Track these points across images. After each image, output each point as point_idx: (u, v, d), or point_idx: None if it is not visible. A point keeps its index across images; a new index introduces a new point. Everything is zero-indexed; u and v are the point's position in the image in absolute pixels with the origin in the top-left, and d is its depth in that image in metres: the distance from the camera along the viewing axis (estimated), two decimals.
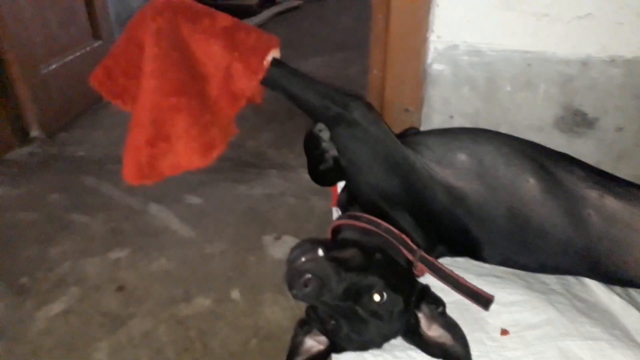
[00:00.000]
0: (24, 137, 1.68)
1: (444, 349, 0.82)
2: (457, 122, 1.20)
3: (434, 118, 1.21)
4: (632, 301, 0.97)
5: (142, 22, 0.99)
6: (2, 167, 1.54)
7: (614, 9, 1.05)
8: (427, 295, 0.88)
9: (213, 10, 1.02)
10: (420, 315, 0.86)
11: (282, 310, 0.98)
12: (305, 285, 0.75)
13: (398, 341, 0.85)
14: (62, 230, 1.23)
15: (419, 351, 0.84)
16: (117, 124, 1.79)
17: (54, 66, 1.76)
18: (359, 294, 0.80)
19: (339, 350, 0.86)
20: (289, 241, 1.18)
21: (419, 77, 1.16)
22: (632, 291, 1.01)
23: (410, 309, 0.85)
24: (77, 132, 1.79)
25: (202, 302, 1.01)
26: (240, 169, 1.52)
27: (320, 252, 0.80)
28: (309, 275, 0.75)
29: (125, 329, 0.94)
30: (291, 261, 0.79)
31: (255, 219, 1.27)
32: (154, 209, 1.32)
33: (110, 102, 1.08)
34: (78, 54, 1.90)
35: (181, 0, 1.01)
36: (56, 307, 1.00)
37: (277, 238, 1.19)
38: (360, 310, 0.80)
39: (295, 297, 0.76)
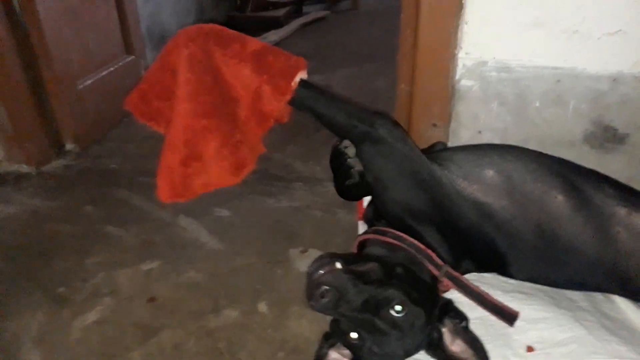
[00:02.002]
0: (60, 150, 1.75)
1: None
2: (486, 138, 1.20)
3: (462, 133, 1.22)
4: None
5: (175, 49, 1.02)
6: (40, 179, 1.60)
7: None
8: (450, 310, 0.88)
9: (243, 35, 1.05)
10: (443, 329, 0.86)
11: (308, 324, 1.00)
12: (322, 297, 0.78)
13: (422, 356, 0.86)
14: (97, 242, 1.28)
15: None
16: (147, 137, 1.84)
17: (89, 82, 1.82)
18: (378, 306, 0.81)
19: None
20: (315, 255, 1.17)
21: (447, 92, 1.17)
22: None
23: (433, 323, 0.86)
24: (109, 145, 1.85)
25: (231, 314, 1.03)
26: (267, 182, 1.54)
27: (339, 265, 0.82)
28: (326, 287, 0.78)
29: (157, 340, 0.97)
30: (310, 273, 0.82)
31: (282, 232, 1.29)
32: (183, 221, 1.35)
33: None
34: (112, 69, 1.96)
35: (212, 27, 1.04)
36: (91, 317, 1.03)
37: (304, 251, 1.21)
38: (379, 323, 0.81)
39: (312, 308, 0.79)
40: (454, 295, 0.96)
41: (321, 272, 0.81)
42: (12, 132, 1.60)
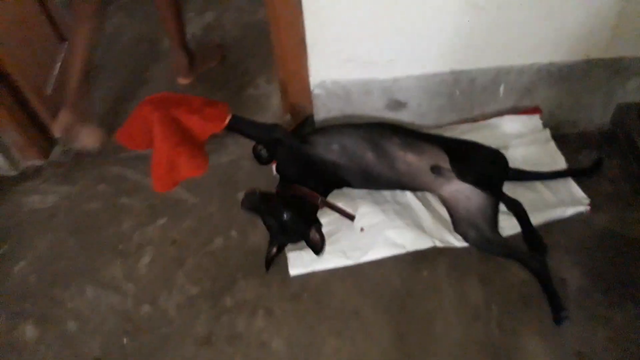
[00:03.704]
0: (52, 140, 2.41)
1: (317, 246, 1.85)
2: (333, 113, 2.12)
3: (321, 111, 2.12)
4: (425, 201, 2.02)
5: (146, 111, 1.78)
6: (52, 168, 2.30)
7: (403, 55, 1.92)
8: (316, 220, 1.90)
9: (187, 96, 1.83)
10: (312, 230, 1.88)
11: (262, 237, 1.95)
12: (245, 205, 1.79)
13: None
14: (121, 211, 2.12)
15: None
16: (102, 112, 2.55)
17: (51, 84, 2.42)
18: (278, 214, 1.80)
19: (282, 248, 1.90)
20: None
21: (308, 96, 2.04)
22: (427, 194, 2.05)
23: (309, 226, 1.86)
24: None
25: (219, 242, 1.98)
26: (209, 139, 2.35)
27: (257, 193, 1.80)
28: (247, 204, 1.78)
29: (187, 264, 1.92)
30: (244, 196, 1.80)
31: (229, 182, 2.17)
32: None
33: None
34: (59, 63, 2.53)
35: (167, 95, 1.82)
36: (146, 259, 1.95)
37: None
38: (277, 223, 1.81)
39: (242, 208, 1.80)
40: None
41: (248, 196, 1.80)
42: (20, 137, 2.26)
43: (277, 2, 1.83)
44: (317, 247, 1.84)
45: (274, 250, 1.90)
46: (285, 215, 1.80)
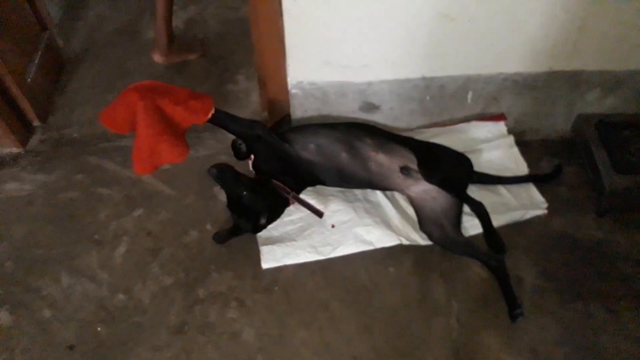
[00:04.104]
0: (31, 128, 2.43)
1: (259, 228, 1.94)
2: (310, 113, 2.19)
3: (298, 111, 2.19)
4: (394, 201, 2.12)
5: (130, 98, 1.80)
6: (30, 156, 2.31)
7: (377, 61, 2.00)
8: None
9: (174, 86, 1.86)
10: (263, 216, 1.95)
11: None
12: (211, 173, 1.84)
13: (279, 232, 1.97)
14: (99, 201, 2.16)
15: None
16: (83, 102, 2.58)
17: (33, 70, 2.44)
18: (238, 191, 1.87)
19: (238, 230, 1.97)
20: None
21: (287, 96, 2.11)
22: (395, 194, 2.14)
23: (262, 212, 1.93)
24: (60, 115, 2.52)
25: (194, 234, 2.04)
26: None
27: (228, 166, 1.88)
28: (214, 170, 1.84)
29: (161, 255, 1.98)
30: (214, 164, 1.86)
31: (206, 175, 2.19)
32: (144, 177, 2.24)
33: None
34: (40, 53, 2.54)
35: (153, 84, 1.84)
36: (122, 249, 1.99)
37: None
38: (236, 199, 1.89)
39: (210, 175, 1.87)
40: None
41: (219, 164, 1.87)
42: None
43: (258, 2, 1.89)
44: (258, 230, 1.96)
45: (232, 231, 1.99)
46: (244, 194, 1.88)
